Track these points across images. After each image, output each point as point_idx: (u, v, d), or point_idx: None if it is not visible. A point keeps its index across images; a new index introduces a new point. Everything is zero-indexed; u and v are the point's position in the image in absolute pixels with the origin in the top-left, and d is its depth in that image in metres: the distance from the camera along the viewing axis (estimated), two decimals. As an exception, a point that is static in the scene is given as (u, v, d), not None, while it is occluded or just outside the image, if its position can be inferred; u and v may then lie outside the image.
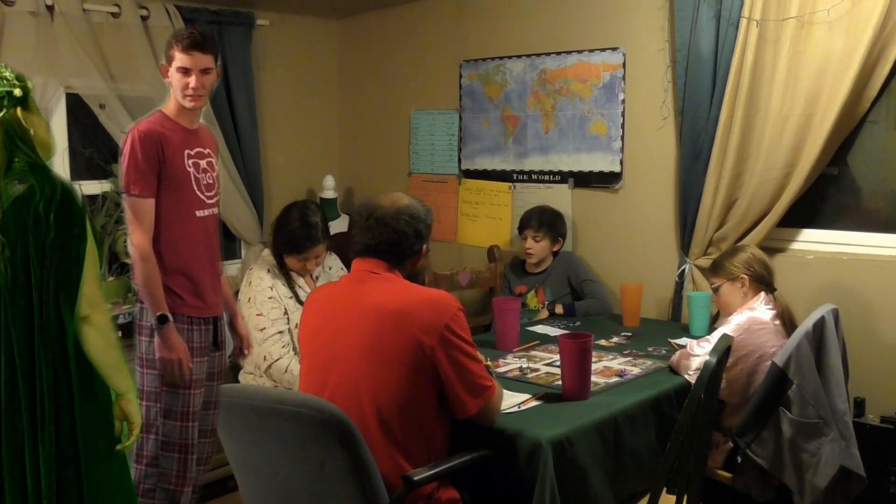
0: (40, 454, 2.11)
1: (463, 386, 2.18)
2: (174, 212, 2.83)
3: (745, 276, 3.02)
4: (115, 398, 2.22)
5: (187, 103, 2.86)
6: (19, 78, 2.19)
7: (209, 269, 2.96)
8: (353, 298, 2.26)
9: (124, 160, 2.77)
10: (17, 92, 2.15)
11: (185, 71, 2.82)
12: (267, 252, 3.30)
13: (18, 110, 2.15)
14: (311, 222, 3.27)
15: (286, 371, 3.05)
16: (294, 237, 3.24)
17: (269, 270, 3.21)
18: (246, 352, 3.15)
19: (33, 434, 2.11)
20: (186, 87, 2.83)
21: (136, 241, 2.75)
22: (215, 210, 3.00)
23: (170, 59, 2.85)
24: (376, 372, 2.16)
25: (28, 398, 2.11)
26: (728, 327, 2.86)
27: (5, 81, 2.14)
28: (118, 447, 2.24)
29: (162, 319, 2.78)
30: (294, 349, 3.13)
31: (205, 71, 2.84)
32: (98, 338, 2.14)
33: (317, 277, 3.36)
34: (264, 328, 3.10)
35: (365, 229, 2.30)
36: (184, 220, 2.86)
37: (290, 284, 3.25)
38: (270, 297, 3.13)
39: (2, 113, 2.13)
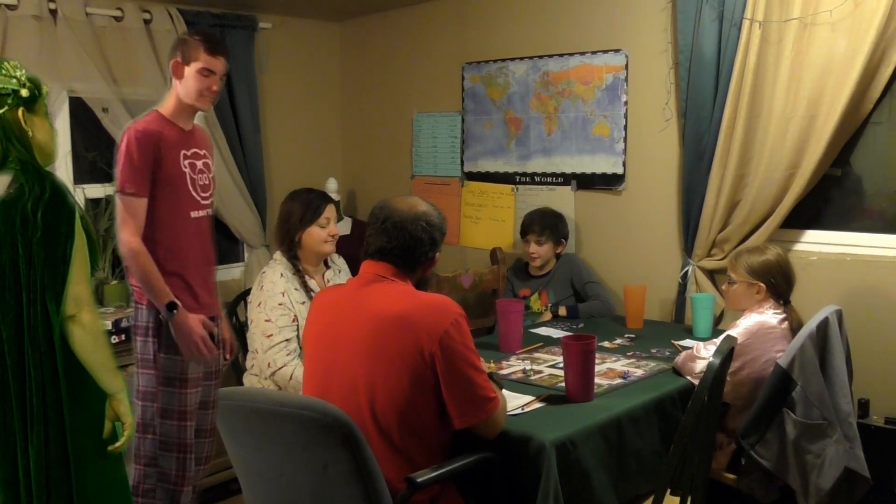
0: (30, 453, 2.11)
1: (462, 395, 2.15)
2: (169, 212, 2.83)
3: (764, 286, 2.97)
4: (108, 399, 2.22)
5: (202, 104, 2.89)
6: (33, 80, 2.20)
7: (203, 270, 2.96)
8: (356, 302, 2.26)
9: (120, 159, 2.76)
10: (24, 92, 2.15)
11: (210, 73, 2.85)
12: (279, 254, 3.27)
13: (21, 111, 2.15)
14: (314, 188, 3.33)
15: (291, 378, 3.04)
16: (308, 200, 3.24)
17: (282, 274, 3.17)
18: (227, 356, 3.13)
19: (24, 433, 2.12)
20: (208, 89, 2.86)
21: (125, 238, 2.73)
22: (210, 211, 3.00)
23: (189, 59, 2.83)
24: (376, 377, 2.15)
25: (18, 397, 2.12)
26: (736, 331, 2.84)
27: (14, 80, 2.15)
28: (110, 448, 2.24)
29: (171, 306, 2.76)
30: (300, 356, 3.12)
31: (223, 76, 2.90)
32: (86, 337, 2.14)
33: (328, 280, 3.34)
34: (271, 335, 3.08)
35: (381, 232, 2.28)
36: (179, 221, 2.86)
37: (305, 287, 3.22)
38: (280, 304, 3.11)
39: (3, 109, 2.13)
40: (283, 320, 3.09)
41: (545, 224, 3.79)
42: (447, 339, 2.13)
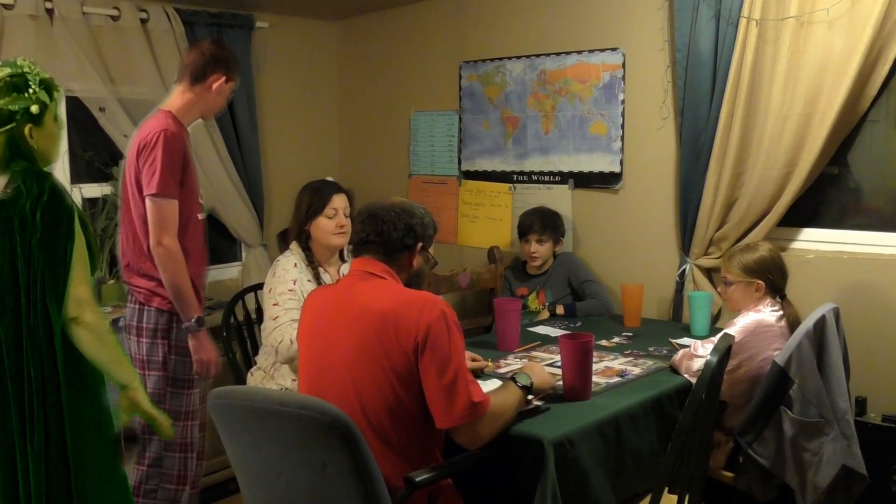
0: (29, 454, 2.11)
1: (442, 395, 2.11)
2: (186, 215, 2.84)
3: (763, 283, 2.98)
4: (121, 391, 2.23)
5: (212, 119, 3.09)
6: (47, 86, 2.19)
7: (204, 270, 3.01)
8: (345, 300, 2.26)
9: (155, 161, 2.71)
10: (34, 109, 2.14)
11: (233, 93, 3.00)
12: (295, 244, 3.24)
13: (29, 127, 2.15)
14: (328, 180, 3.30)
15: (292, 343, 2.99)
16: (314, 191, 3.18)
17: (296, 264, 3.13)
18: None
19: (23, 434, 2.12)
20: (222, 107, 3.01)
21: (167, 242, 2.73)
22: (205, 213, 3.06)
23: (230, 78, 2.93)
24: (364, 375, 2.15)
25: (17, 398, 2.11)
26: (733, 329, 2.84)
27: (25, 96, 2.14)
28: (165, 435, 2.33)
29: (200, 322, 2.80)
30: None
31: None
32: (91, 337, 2.15)
33: (343, 274, 3.32)
34: (277, 317, 3.04)
35: (358, 224, 2.35)
36: (191, 223, 2.87)
37: (318, 280, 3.18)
38: (290, 290, 3.07)
39: (11, 125, 2.13)
40: (290, 304, 3.04)
41: (546, 223, 3.79)
42: (430, 333, 2.11)
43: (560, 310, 3.67)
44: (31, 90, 2.15)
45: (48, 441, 2.12)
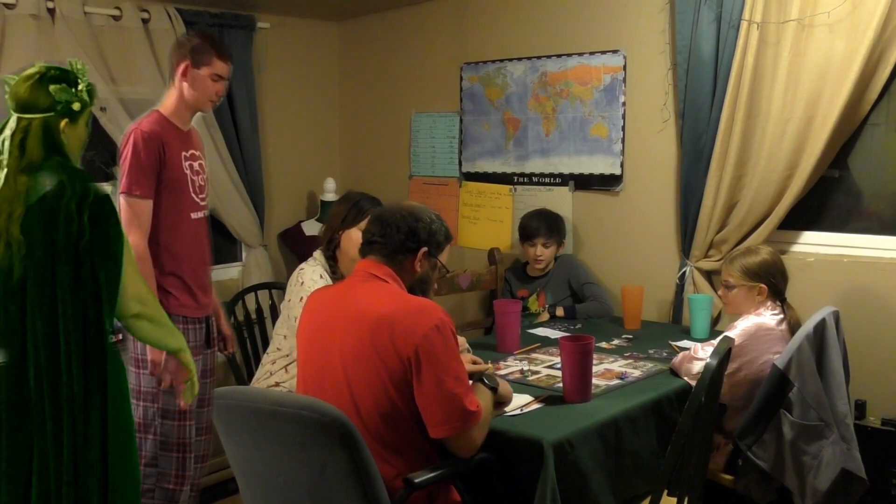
0: (64, 455, 2.08)
1: (437, 405, 2.10)
2: (171, 214, 2.84)
3: (765, 286, 2.98)
4: (176, 355, 2.42)
5: (207, 108, 2.96)
6: (91, 92, 2.22)
7: (202, 271, 2.99)
8: (344, 302, 2.26)
9: (125, 160, 2.77)
10: (76, 106, 2.17)
11: (219, 78, 2.91)
12: (318, 253, 3.22)
13: (64, 122, 2.16)
14: (368, 194, 3.22)
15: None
16: (355, 203, 3.12)
17: (321, 276, 3.08)
18: (230, 349, 3.20)
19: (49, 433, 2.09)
20: (216, 94, 2.92)
21: (133, 241, 2.72)
22: (206, 212, 3.04)
23: (200, 63, 2.87)
24: (359, 378, 2.14)
25: (51, 392, 2.07)
26: (733, 332, 2.84)
27: (73, 91, 2.15)
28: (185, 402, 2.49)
29: None
30: None
31: (229, 80, 2.98)
32: (154, 328, 2.27)
33: None
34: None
35: (366, 225, 2.36)
36: (180, 222, 2.87)
37: None
38: None
39: (50, 114, 2.13)
40: None
41: (551, 227, 3.77)
42: (426, 343, 2.09)
43: (560, 312, 3.67)
44: (79, 87, 2.17)
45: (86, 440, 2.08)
